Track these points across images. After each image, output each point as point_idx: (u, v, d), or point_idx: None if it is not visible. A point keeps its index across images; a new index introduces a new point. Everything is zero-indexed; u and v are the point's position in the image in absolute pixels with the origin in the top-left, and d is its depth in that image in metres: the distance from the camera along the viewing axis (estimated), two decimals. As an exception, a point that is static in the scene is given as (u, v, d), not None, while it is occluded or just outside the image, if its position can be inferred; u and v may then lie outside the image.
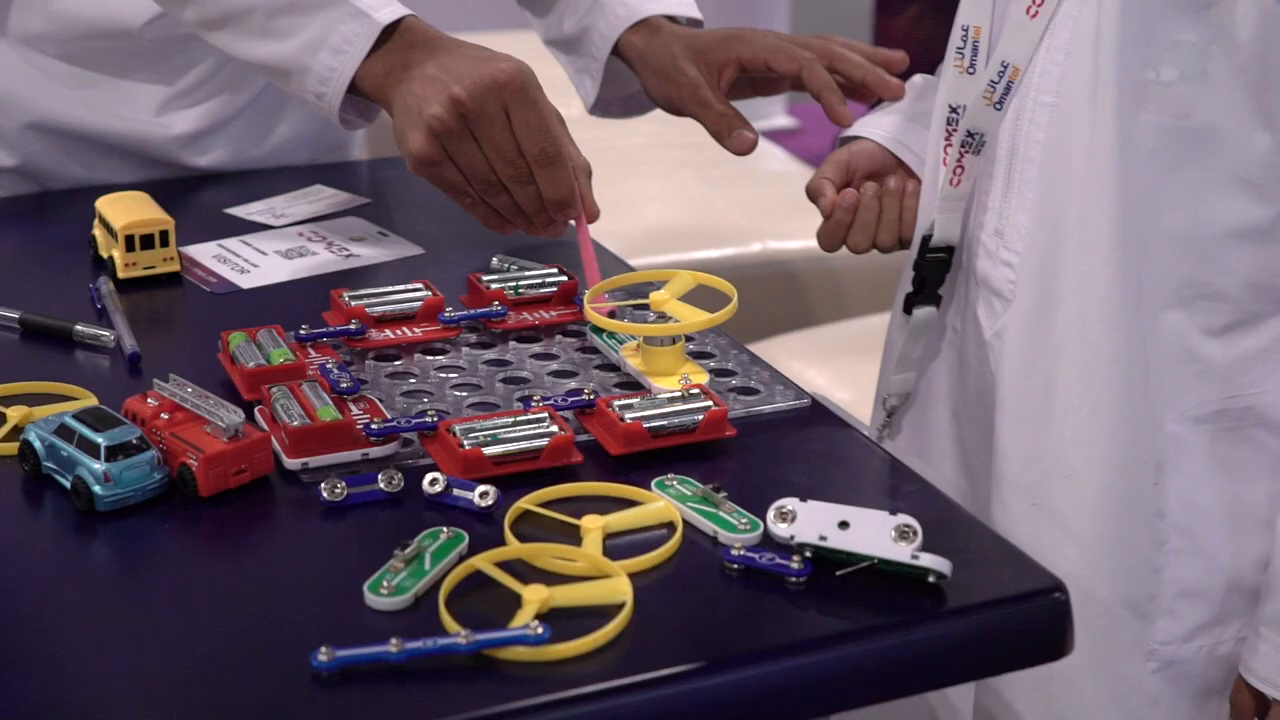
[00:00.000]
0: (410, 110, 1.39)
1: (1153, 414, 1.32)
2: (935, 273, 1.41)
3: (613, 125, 3.46)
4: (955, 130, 1.36)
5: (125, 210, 1.49)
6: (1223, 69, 1.25)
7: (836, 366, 2.52)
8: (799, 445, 1.26)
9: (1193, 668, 1.36)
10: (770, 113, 5.34)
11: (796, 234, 2.87)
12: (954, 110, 1.36)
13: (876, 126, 1.52)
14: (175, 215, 1.53)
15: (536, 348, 1.37)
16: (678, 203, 3.04)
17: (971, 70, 1.35)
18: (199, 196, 1.72)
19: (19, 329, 1.40)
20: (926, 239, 1.40)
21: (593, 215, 1.42)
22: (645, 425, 1.21)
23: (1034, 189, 1.33)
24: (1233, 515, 1.34)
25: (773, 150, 3.45)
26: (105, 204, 1.51)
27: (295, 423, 1.18)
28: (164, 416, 1.16)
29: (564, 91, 3.55)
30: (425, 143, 1.38)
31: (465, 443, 1.17)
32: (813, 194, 1.48)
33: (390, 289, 1.40)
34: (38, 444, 1.15)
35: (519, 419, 1.20)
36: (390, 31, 1.43)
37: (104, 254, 1.50)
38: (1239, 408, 1.32)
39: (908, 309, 1.43)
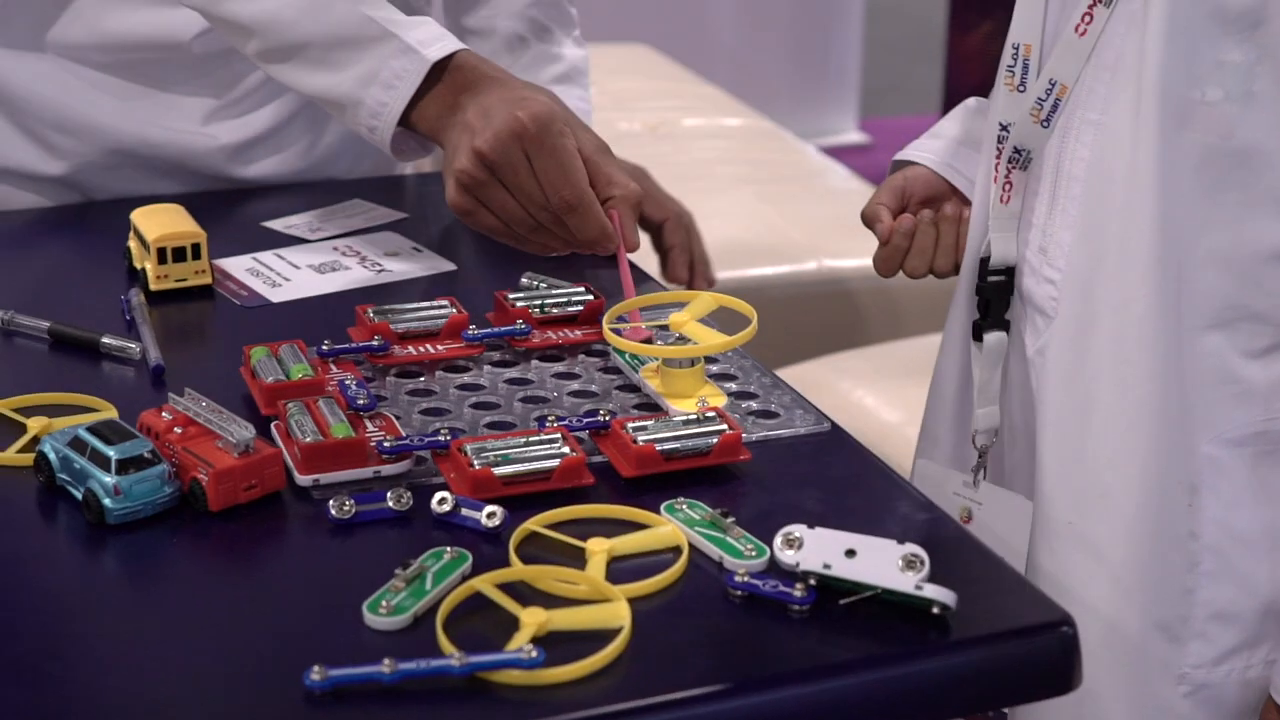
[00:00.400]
0: (447, 159, 1.44)
1: (1189, 435, 1.31)
2: (998, 295, 1.40)
3: (677, 140, 3.49)
4: (1004, 147, 1.36)
5: (158, 223, 1.50)
6: (1268, 90, 1.25)
7: (888, 387, 2.50)
8: (815, 471, 1.25)
9: (1224, 691, 1.34)
10: (841, 128, 5.33)
11: (853, 252, 2.86)
12: (1004, 128, 1.36)
13: (929, 151, 1.52)
14: (214, 228, 1.55)
15: (559, 367, 1.37)
16: (736, 219, 3.04)
17: (1022, 88, 1.35)
18: (240, 209, 1.73)
19: (48, 339, 1.41)
20: (985, 261, 1.39)
21: (631, 247, 1.41)
22: (658, 448, 1.20)
23: (1077, 206, 1.33)
24: (1270, 539, 1.33)
25: (835, 168, 3.44)
26: (140, 216, 1.53)
27: (308, 439, 1.18)
28: (177, 431, 1.17)
29: (625, 107, 3.56)
30: (456, 194, 1.42)
31: (475, 462, 1.17)
32: (869, 220, 1.49)
33: (415, 305, 1.40)
34: (52, 455, 1.16)
35: (531, 439, 1.20)
36: (442, 68, 1.45)
37: (138, 265, 1.51)
38: (1279, 430, 1.31)
39: (977, 336, 1.41)
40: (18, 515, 1.17)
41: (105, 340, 1.38)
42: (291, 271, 1.56)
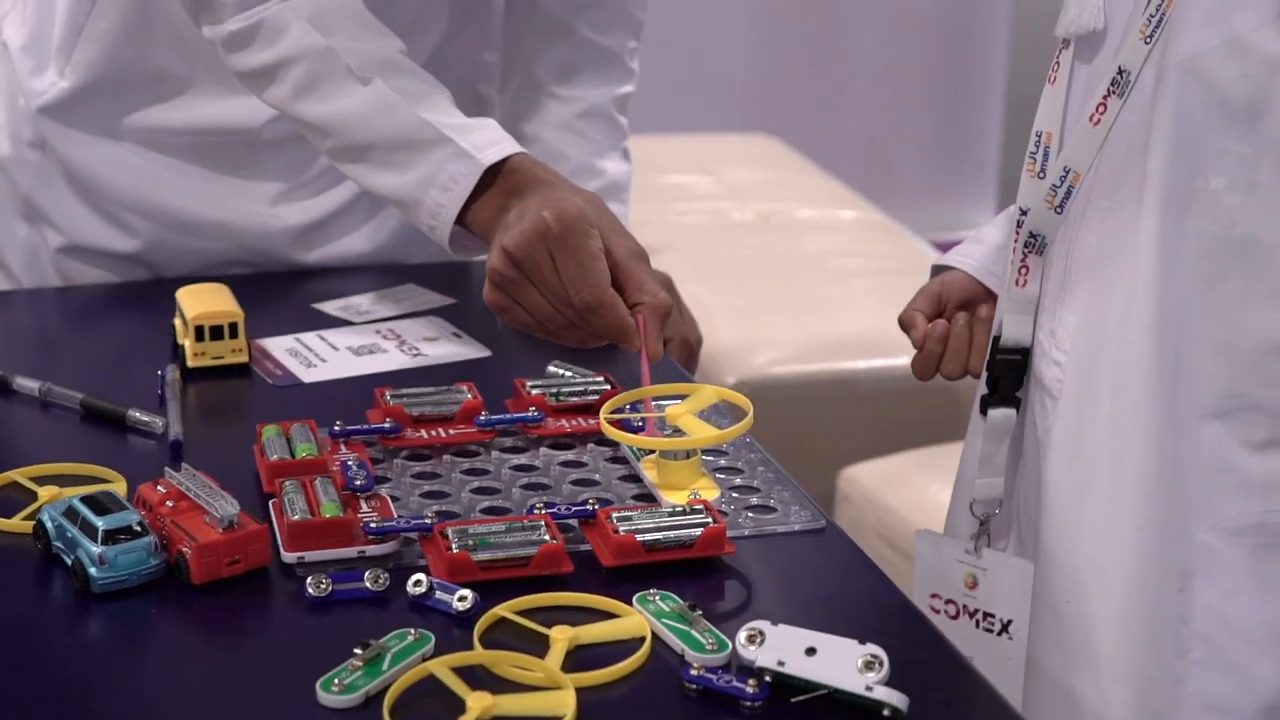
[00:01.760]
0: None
1: (1183, 521, 1.31)
2: (1009, 374, 1.40)
3: (788, 230, 3.51)
4: (1022, 231, 1.38)
5: (200, 301, 1.55)
6: (1271, 181, 1.25)
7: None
8: (802, 568, 1.26)
9: None
10: (978, 220, 5.30)
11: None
12: (1023, 212, 1.38)
13: (968, 256, 1.53)
14: (267, 307, 1.59)
15: (568, 455, 1.39)
16: (836, 312, 3.05)
17: (1042, 175, 1.36)
18: (293, 289, 1.78)
19: (80, 410, 1.46)
20: (996, 339, 1.40)
21: (653, 356, 1.41)
22: (640, 538, 1.22)
23: (1084, 290, 1.34)
24: (1272, 634, 1.31)
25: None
26: (184, 294, 1.58)
27: (296, 516, 1.21)
28: (169, 504, 1.21)
29: (739, 197, 3.56)
30: (490, 291, 1.45)
31: (454, 545, 1.19)
32: (905, 326, 1.51)
33: (431, 389, 1.43)
34: (49, 524, 1.21)
35: (514, 525, 1.22)
36: (497, 171, 1.49)
37: (180, 342, 1.56)
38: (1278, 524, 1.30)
39: (984, 410, 1.42)
40: (14, 580, 1.21)
41: (131, 414, 1.43)
42: (329, 353, 1.60)
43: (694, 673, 1.08)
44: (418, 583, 1.17)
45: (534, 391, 1.44)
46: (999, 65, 5.15)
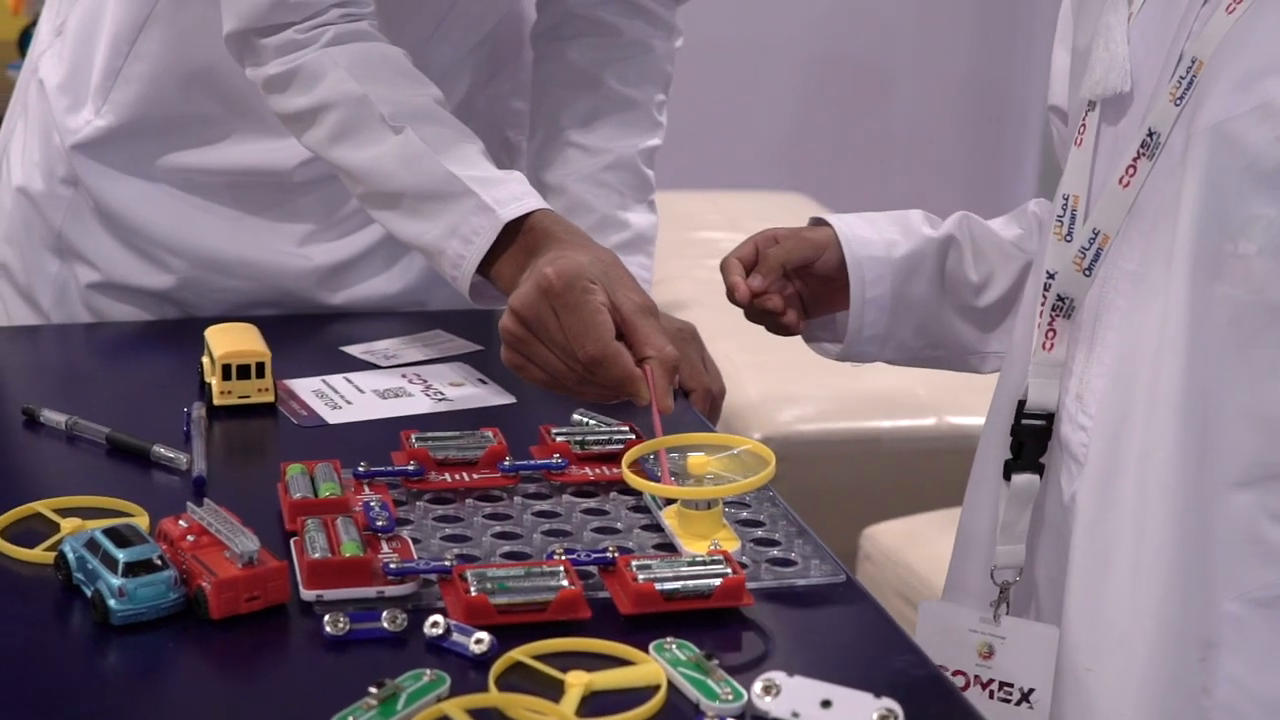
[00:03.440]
0: None
1: (1209, 590, 1.30)
2: (1033, 439, 1.40)
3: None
4: (1049, 295, 1.37)
5: (228, 340, 1.56)
6: None
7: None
8: (820, 621, 1.26)
9: None
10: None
11: (975, 409, 2.85)
12: (1050, 276, 1.37)
13: (863, 244, 1.56)
14: (293, 349, 1.60)
15: (590, 503, 1.40)
16: (859, 370, 3.04)
17: (1069, 238, 1.36)
18: (321, 332, 1.79)
19: (106, 445, 1.47)
20: (1021, 404, 1.39)
21: (663, 409, 1.41)
22: (658, 587, 1.22)
23: (1112, 355, 1.34)
24: None
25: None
26: (213, 333, 1.59)
27: (316, 554, 1.22)
28: (190, 539, 1.21)
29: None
30: (504, 351, 1.48)
31: (473, 589, 1.19)
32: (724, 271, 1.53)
33: (456, 434, 1.44)
34: (70, 555, 1.21)
35: (533, 570, 1.22)
36: (518, 227, 1.51)
37: (207, 380, 1.57)
38: None
39: (1007, 475, 1.41)
40: (35, 610, 1.21)
41: (156, 449, 1.43)
42: (355, 395, 1.60)
43: (707, 722, 1.08)
44: (435, 624, 1.17)
45: (559, 439, 1.45)
46: (1034, 130, 5.16)
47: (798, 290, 1.56)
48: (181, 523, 1.23)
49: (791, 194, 4.24)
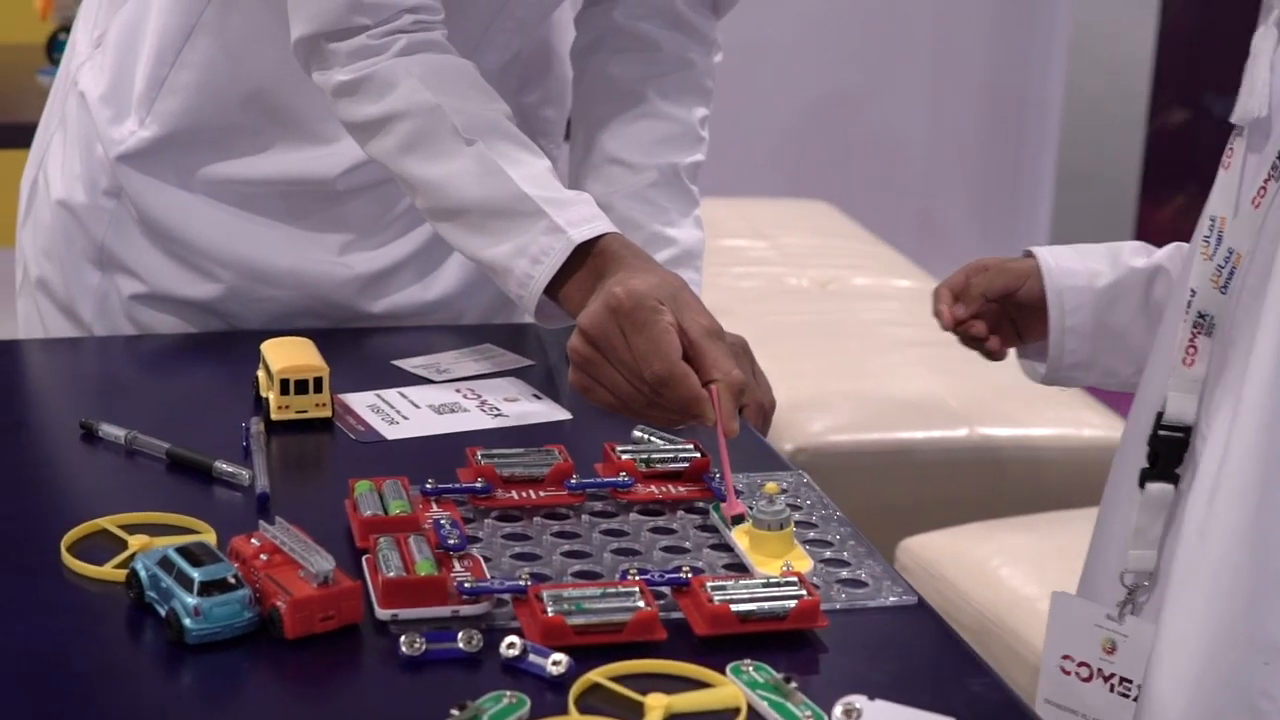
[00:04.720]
0: None
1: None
2: (1169, 450, 1.41)
3: (845, 298, 3.50)
4: (1191, 312, 1.39)
5: (285, 354, 1.56)
6: None
7: (1028, 559, 2.48)
8: (894, 643, 1.25)
9: None
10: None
11: (1006, 420, 2.86)
12: (1193, 293, 1.39)
13: (1067, 275, 1.60)
14: (346, 363, 1.59)
15: (658, 521, 1.39)
16: (892, 380, 3.04)
17: (1212, 257, 1.37)
18: (371, 346, 1.78)
19: (166, 460, 1.46)
20: (1160, 414, 1.40)
21: (729, 432, 1.41)
22: (734, 609, 1.21)
23: (1232, 372, 1.35)
24: None
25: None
26: (269, 347, 1.58)
27: (391, 573, 1.21)
28: (263, 558, 1.20)
29: (795, 263, 3.55)
30: (572, 373, 1.47)
31: (549, 609, 1.19)
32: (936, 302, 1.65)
33: (523, 451, 1.43)
34: (142, 573, 1.20)
35: (608, 590, 1.21)
36: (589, 249, 1.50)
37: (263, 394, 1.56)
38: None
39: (1142, 483, 1.42)
40: (107, 629, 1.21)
41: (218, 465, 1.43)
42: (411, 410, 1.59)
43: (792, 746, 1.08)
44: (511, 645, 1.16)
45: (624, 456, 1.44)
46: (1051, 136, 5.16)
47: (1010, 317, 1.63)
48: (253, 541, 1.22)
49: (814, 201, 4.23)
